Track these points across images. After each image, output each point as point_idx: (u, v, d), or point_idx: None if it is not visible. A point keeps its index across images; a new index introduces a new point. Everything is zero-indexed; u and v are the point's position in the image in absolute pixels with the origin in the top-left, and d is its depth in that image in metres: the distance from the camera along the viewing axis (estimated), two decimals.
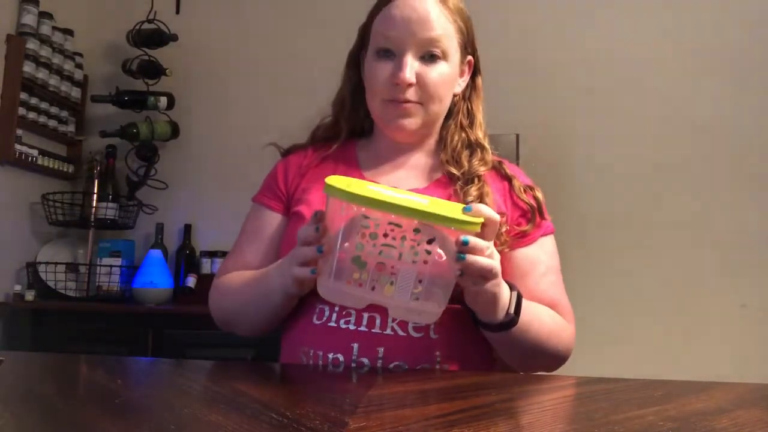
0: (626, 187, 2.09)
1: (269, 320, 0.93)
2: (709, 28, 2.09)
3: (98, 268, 2.10)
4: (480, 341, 0.90)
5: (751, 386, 0.71)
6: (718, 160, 2.05)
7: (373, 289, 0.74)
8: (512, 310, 0.81)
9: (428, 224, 0.71)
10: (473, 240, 0.71)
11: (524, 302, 0.84)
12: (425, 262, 0.73)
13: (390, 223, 0.71)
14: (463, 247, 0.71)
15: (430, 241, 0.72)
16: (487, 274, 0.74)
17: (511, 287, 0.83)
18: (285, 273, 0.83)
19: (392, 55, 0.93)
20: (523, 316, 0.82)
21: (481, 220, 0.72)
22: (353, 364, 0.84)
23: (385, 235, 0.72)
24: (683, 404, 0.61)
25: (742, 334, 1.93)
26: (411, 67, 0.91)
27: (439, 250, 0.74)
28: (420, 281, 0.73)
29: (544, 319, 0.89)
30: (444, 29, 0.93)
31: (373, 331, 0.85)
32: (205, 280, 2.10)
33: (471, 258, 0.71)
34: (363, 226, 0.72)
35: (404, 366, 0.84)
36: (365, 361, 0.84)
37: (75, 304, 2.02)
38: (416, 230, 0.71)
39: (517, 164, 1.36)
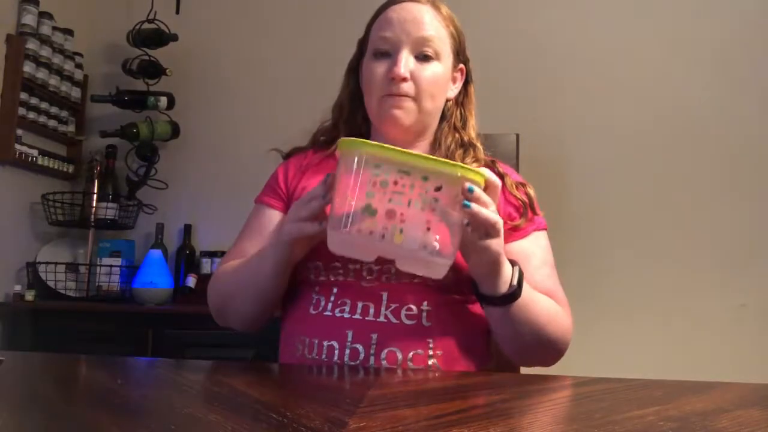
0: (626, 186, 2.10)
1: (258, 302, 0.93)
2: (710, 28, 2.09)
3: (98, 268, 2.10)
4: (474, 332, 0.92)
5: (751, 386, 0.71)
6: (717, 159, 2.05)
7: (382, 237, 0.75)
8: (515, 282, 0.83)
9: (436, 170, 0.74)
10: (478, 190, 0.75)
11: (526, 284, 0.85)
12: (433, 209, 0.74)
13: (400, 171, 0.74)
14: (469, 195, 0.74)
15: (437, 189, 0.74)
16: (490, 229, 0.77)
17: (513, 263, 0.85)
18: (283, 232, 0.85)
19: (388, 55, 0.97)
20: (525, 291, 0.84)
21: (484, 174, 0.76)
22: (347, 351, 0.86)
23: (395, 183, 0.74)
24: (683, 404, 0.61)
25: (742, 334, 1.93)
26: (406, 62, 0.95)
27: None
28: (428, 228, 0.75)
29: (544, 303, 0.90)
30: (437, 31, 0.97)
31: (366, 318, 0.87)
32: (205, 280, 2.09)
33: (476, 207, 0.74)
34: (374, 175, 0.74)
35: (397, 352, 0.86)
36: (359, 347, 0.86)
37: (75, 304, 2.02)
38: (425, 178, 0.74)
39: (517, 164, 1.36)
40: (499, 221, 0.77)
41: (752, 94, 2.05)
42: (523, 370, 0.99)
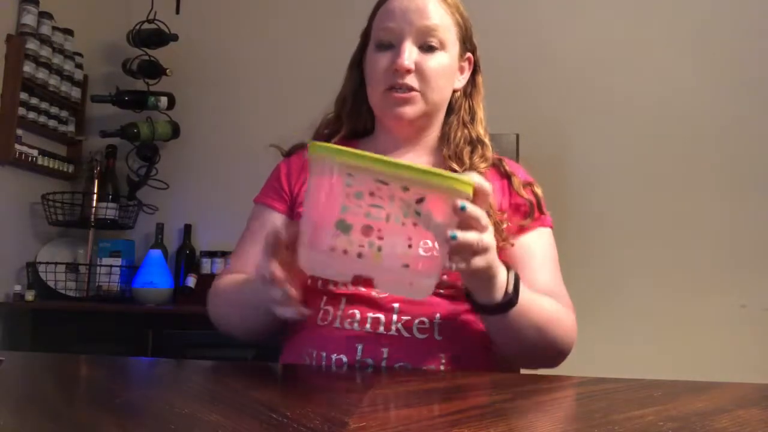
0: (626, 186, 2.10)
1: (266, 330, 0.91)
2: (711, 27, 2.09)
3: (98, 268, 2.10)
4: (482, 341, 0.89)
5: (751, 386, 0.71)
6: (717, 159, 2.05)
7: (359, 256, 0.66)
8: (511, 290, 0.77)
9: (416, 180, 0.64)
10: (469, 206, 0.65)
11: (523, 286, 0.81)
12: (414, 224, 0.65)
13: (377, 181, 0.64)
14: (461, 213, 0.65)
15: (419, 201, 0.65)
16: (479, 250, 0.69)
17: (508, 268, 0.79)
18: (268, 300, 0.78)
19: (392, 47, 0.94)
20: (522, 297, 0.79)
21: (473, 182, 0.66)
22: (357, 365, 0.84)
23: (371, 194, 0.64)
24: (683, 404, 0.61)
25: (742, 334, 1.93)
26: (410, 53, 0.92)
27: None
28: (410, 246, 0.66)
29: (544, 304, 0.86)
30: (441, 19, 0.94)
31: (377, 332, 0.84)
32: (205, 280, 2.10)
33: (461, 236, 0.66)
34: (347, 185, 0.65)
35: (408, 367, 0.83)
36: (369, 362, 0.84)
37: (75, 304, 2.02)
38: (405, 188, 0.64)
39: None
40: (485, 238, 0.68)
41: (752, 94, 2.04)
42: (524, 371, 0.98)
